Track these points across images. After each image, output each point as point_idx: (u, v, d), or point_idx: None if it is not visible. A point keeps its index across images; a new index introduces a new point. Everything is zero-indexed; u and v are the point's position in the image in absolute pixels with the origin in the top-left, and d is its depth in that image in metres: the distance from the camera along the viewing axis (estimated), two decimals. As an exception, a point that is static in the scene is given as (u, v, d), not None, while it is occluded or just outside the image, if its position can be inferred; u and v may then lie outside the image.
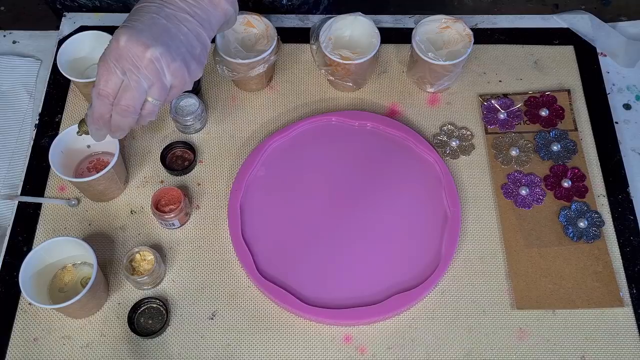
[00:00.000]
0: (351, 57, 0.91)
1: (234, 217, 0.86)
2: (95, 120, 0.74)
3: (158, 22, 0.72)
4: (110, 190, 0.87)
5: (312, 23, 1.02)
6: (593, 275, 0.83)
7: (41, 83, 1.01)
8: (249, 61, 0.89)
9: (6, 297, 0.83)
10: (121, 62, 0.70)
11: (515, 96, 0.96)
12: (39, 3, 1.90)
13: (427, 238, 0.85)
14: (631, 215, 0.88)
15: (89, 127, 0.76)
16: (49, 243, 0.79)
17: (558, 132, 0.93)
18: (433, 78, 0.93)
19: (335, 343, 0.80)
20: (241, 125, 0.95)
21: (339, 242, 0.85)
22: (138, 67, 0.70)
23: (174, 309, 0.82)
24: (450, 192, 0.87)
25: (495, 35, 1.02)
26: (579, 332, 0.80)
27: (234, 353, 0.80)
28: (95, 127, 0.75)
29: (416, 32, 0.92)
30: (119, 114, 0.72)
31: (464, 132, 0.94)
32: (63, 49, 0.92)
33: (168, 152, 0.92)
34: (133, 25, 0.71)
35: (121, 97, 0.71)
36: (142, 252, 0.82)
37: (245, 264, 0.82)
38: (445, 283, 0.84)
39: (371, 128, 0.93)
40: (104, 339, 0.81)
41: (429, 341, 0.80)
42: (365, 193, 0.88)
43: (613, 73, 1.01)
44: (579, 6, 1.89)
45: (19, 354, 0.80)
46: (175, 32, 0.73)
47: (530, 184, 0.89)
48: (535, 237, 0.86)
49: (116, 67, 0.70)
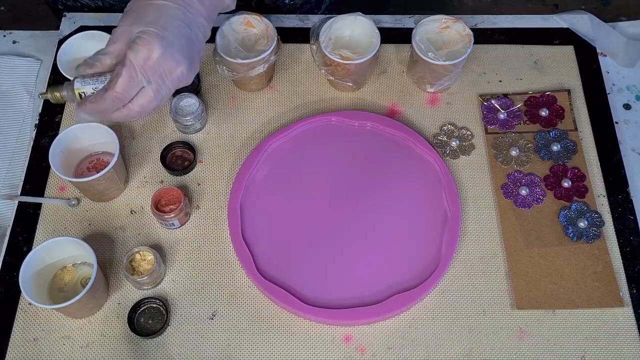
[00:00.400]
0: (351, 57, 0.91)
1: (234, 217, 0.86)
2: (94, 112, 0.72)
3: (185, 32, 0.72)
4: (110, 190, 0.87)
5: (312, 23, 1.02)
6: (593, 275, 0.83)
7: (41, 83, 1.01)
8: (249, 61, 0.89)
9: (6, 297, 0.83)
10: (149, 73, 0.70)
11: (515, 96, 0.96)
12: (39, 3, 1.91)
13: (427, 238, 0.85)
14: (631, 215, 0.88)
15: (79, 111, 0.73)
16: (49, 243, 0.79)
17: (558, 132, 0.93)
18: (433, 78, 0.93)
19: (335, 343, 0.80)
20: (241, 125, 0.95)
21: (339, 242, 0.85)
22: (164, 81, 0.71)
23: (174, 309, 0.82)
24: (450, 192, 0.87)
25: (495, 35, 1.02)
26: (579, 332, 0.80)
27: (234, 353, 0.80)
28: (87, 114, 0.73)
29: (416, 32, 0.92)
30: (126, 115, 0.72)
31: (464, 132, 0.94)
32: (63, 49, 0.92)
33: (168, 152, 0.92)
34: (165, 35, 0.70)
35: (136, 101, 0.71)
36: (142, 252, 0.82)
37: (245, 264, 0.82)
38: (445, 283, 0.84)
39: (371, 128, 0.93)
40: (104, 339, 0.81)
41: (429, 341, 0.80)
42: (365, 193, 0.88)
43: (613, 73, 1.01)
44: (579, 6, 1.89)
45: (19, 354, 0.80)
46: (195, 41, 0.74)
47: (530, 184, 0.89)
48: (535, 237, 0.86)
49: (143, 75, 0.70)
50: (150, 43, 0.70)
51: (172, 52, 0.70)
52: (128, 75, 0.69)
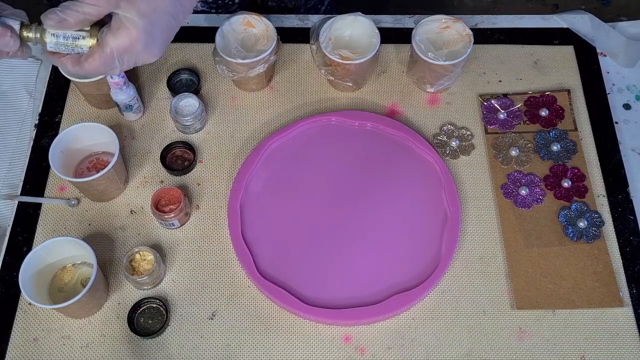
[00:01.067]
0: (351, 57, 0.91)
1: (234, 217, 0.86)
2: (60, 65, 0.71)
3: (171, 26, 0.70)
4: (110, 190, 0.87)
5: (312, 23, 1.02)
6: (593, 275, 0.83)
7: (41, 83, 1.01)
8: (249, 61, 0.89)
9: (6, 297, 0.83)
10: (125, 60, 0.68)
11: (515, 96, 0.96)
12: (39, 3, 1.90)
13: (427, 238, 0.85)
14: (631, 215, 0.88)
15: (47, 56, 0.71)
16: (49, 243, 0.79)
17: (558, 132, 0.93)
18: (433, 78, 0.93)
19: (335, 343, 0.80)
20: (241, 125, 0.95)
21: (339, 242, 0.85)
22: (135, 64, 0.70)
23: (174, 309, 0.82)
24: (450, 192, 0.87)
25: (495, 35, 1.02)
26: (579, 332, 0.80)
27: (234, 353, 0.80)
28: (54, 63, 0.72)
29: (416, 32, 0.92)
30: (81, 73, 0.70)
31: (463, 132, 0.94)
32: (63, 48, 0.92)
33: (168, 152, 0.92)
34: (151, 31, 0.68)
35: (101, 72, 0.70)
36: (142, 252, 0.82)
37: (245, 264, 0.82)
38: (445, 283, 0.84)
39: (371, 128, 0.93)
40: (104, 339, 0.81)
41: (429, 341, 0.80)
42: (365, 193, 0.88)
43: (613, 73, 1.01)
44: (579, 6, 1.89)
45: (19, 354, 0.80)
46: (175, 29, 0.72)
47: (530, 184, 0.89)
48: (535, 237, 0.86)
49: (118, 61, 0.68)
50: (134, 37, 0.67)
51: (152, 47, 0.68)
52: (104, 60, 0.68)
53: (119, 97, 0.90)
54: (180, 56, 1.00)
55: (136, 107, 0.93)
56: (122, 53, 0.68)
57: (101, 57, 0.67)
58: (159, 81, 0.98)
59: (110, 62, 0.68)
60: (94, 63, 0.68)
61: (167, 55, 1.00)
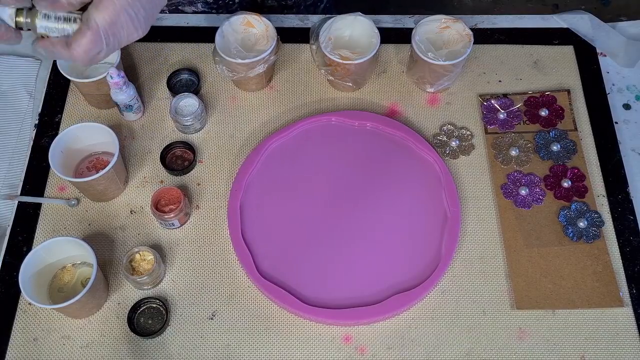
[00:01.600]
0: (351, 57, 0.91)
1: (234, 217, 0.86)
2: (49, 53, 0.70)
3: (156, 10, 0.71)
4: (110, 190, 0.87)
5: (312, 23, 1.02)
6: (593, 275, 0.83)
7: (41, 83, 1.01)
8: (248, 61, 0.89)
9: (6, 297, 0.83)
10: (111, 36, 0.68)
11: (515, 96, 0.96)
12: None
13: (427, 238, 0.85)
14: (631, 215, 0.88)
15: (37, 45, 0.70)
16: (49, 243, 0.79)
17: (558, 132, 0.93)
18: (433, 78, 0.93)
19: (335, 343, 0.80)
20: (241, 125, 0.95)
21: (339, 242, 0.85)
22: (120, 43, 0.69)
23: (173, 309, 0.82)
24: (450, 192, 0.87)
25: (495, 35, 1.02)
26: (578, 332, 0.80)
27: (234, 353, 0.80)
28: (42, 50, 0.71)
29: (416, 32, 0.92)
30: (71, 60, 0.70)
31: (463, 132, 0.94)
32: (63, 48, 0.92)
33: (168, 152, 0.92)
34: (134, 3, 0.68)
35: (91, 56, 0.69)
36: (142, 252, 0.82)
37: (245, 264, 0.82)
38: (445, 283, 0.84)
39: (371, 128, 0.93)
40: (104, 339, 0.81)
41: (429, 341, 0.80)
42: (365, 193, 0.88)
43: (613, 73, 1.01)
44: (579, 6, 1.89)
45: (19, 354, 0.80)
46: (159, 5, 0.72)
47: (530, 184, 0.89)
48: (535, 237, 0.86)
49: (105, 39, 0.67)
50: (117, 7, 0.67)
51: (136, 20, 0.68)
52: (91, 39, 0.67)
53: (118, 97, 0.90)
54: (180, 56, 1.01)
55: (136, 107, 0.93)
56: (107, 26, 0.67)
57: (86, 33, 0.67)
58: (159, 81, 0.98)
59: (96, 38, 0.67)
60: (81, 40, 0.67)
61: (167, 55, 1.01)
